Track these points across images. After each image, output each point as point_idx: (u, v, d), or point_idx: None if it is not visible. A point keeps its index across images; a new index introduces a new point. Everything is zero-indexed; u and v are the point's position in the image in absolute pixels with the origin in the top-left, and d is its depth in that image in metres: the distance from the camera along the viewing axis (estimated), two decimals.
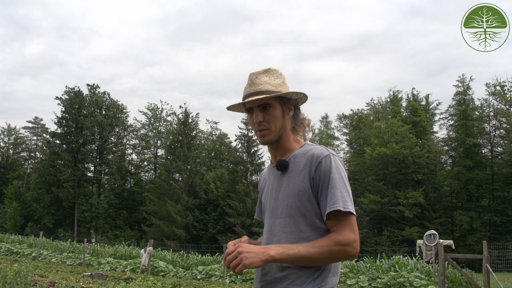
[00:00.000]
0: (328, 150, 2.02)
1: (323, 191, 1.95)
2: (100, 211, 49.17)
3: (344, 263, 15.33)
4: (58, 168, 49.49)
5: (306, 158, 2.02)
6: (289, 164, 2.07)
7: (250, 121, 2.13)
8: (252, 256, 1.83)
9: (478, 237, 34.08)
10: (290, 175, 2.05)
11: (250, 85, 2.11)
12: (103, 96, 55.57)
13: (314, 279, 1.93)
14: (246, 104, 2.09)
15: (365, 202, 37.77)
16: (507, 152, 40.68)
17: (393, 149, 38.52)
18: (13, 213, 50.02)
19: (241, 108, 2.22)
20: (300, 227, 1.98)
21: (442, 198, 42.07)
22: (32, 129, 65.95)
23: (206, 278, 15.70)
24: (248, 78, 2.15)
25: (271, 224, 2.08)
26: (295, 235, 1.98)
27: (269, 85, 2.08)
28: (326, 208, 1.93)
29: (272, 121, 2.07)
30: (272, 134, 2.07)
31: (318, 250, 1.87)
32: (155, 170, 55.81)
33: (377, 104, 52.53)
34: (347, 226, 1.92)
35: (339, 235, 1.89)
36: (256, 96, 2.04)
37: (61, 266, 16.91)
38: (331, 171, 1.95)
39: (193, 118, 48.81)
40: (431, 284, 12.49)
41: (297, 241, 1.95)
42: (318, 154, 1.99)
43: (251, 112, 2.10)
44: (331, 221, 1.94)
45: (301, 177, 2.00)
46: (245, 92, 2.11)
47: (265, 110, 2.06)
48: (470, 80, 41.53)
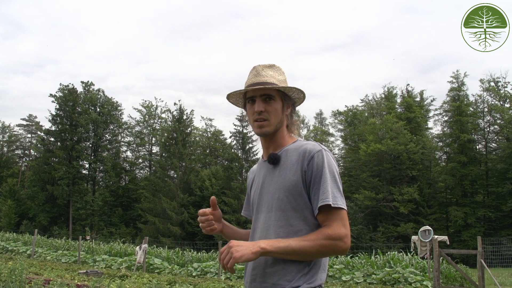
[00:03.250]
0: (320, 146, 2.04)
1: (315, 186, 1.97)
2: (95, 209, 49.07)
3: (339, 259, 15.38)
4: (52, 165, 49.35)
5: (298, 153, 2.03)
6: (281, 158, 2.08)
7: (250, 111, 2.14)
8: (242, 249, 1.83)
9: (473, 232, 34.25)
10: (281, 169, 2.06)
11: (255, 75, 2.13)
12: (98, 94, 55.40)
13: (304, 274, 1.94)
14: (249, 92, 2.11)
15: (360, 198, 37.86)
16: (501, 148, 40.88)
17: (387, 145, 38.61)
18: (8, 211, 49.85)
19: (239, 100, 2.23)
20: (291, 221, 1.99)
21: (436, 194, 42.26)
22: (27, 127, 65.66)
23: (201, 275, 15.70)
24: (252, 69, 2.18)
25: (264, 217, 2.08)
26: (285, 228, 1.98)
27: (274, 79, 2.11)
28: (317, 202, 1.94)
29: (273, 113, 2.09)
30: (270, 126, 2.09)
31: (309, 243, 1.88)
32: (150, 167, 55.73)
33: (371, 100, 52.68)
34: (338, 220, 1.93)
35: (330, 229, 1.90)
36: (260, 85, 2.07)
37: (56, 264, 16.87)
38: (323, 166, 1.97)
39: (187, 115, 48.75)
40: (426, 280, 12.54)
41: (287, 235, 1.96)
42: (311, 149, 2.01)
43: (251, 102, 2.12)
44: (322, 216, 1.95)
45: (293, 171, 2.01)
46: (248, 82, 2.14)
47: (267, 101, 2.08)
48: (464, 76, 41.74)
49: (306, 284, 1.93)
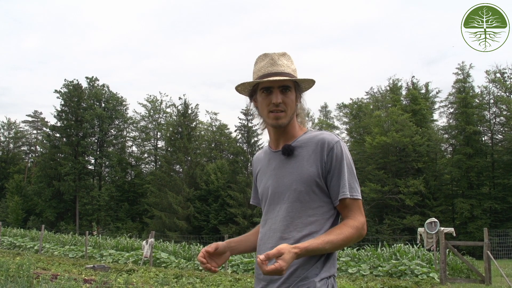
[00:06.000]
0: (337, 136, 2.06)
1: (334, 177, 2.00)
2: (102, 204, 49.27)
3: (345, 251, 15.44)
4: (58, 161, 49.59)
5: (315, 143, 2.03)
6: (295, 149, 2.07)
7: (264, 101, 2.07)
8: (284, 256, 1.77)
9: (479, 224, 34.13)
10: (297, 160, 2.05)
11: (272, 64, 2.08)
12: (102, 89, 55.47)
13: (322, 265, 1.96)
14: (266, 83, 2.05)
15: (365, 191, 37.77)
16: (507, 139, 40.63)
17: (393, 138, 38.48)
18: (15, 207, 50.17)
19: (247, 89, 2.17)
20: (308, 212, 2.00)
21: (442, 186, 42.11)
22: (32, 123, 65.89)
23: None
24: (263, 56, 2.13)
25: (280, 209, 2.06)
26: (303, 219, 1.99)
27: (289, 69, 2.09)
28: (338, 194, 2.00)
29: (290, 104, 2.07)
30: (287, 118, 2.07)
31: (340, 237, 1.92)
32: (156, 162, 55.83)
33: (376, 92, 52.39)
34: (357, 210, 2.03)
35: (356, 221, 1.99)
36: (279, 76, 2.03)
37: (64, 259, 16.98)
38: (342, 157, 2.01)
39: (192, 110, 48.77)
40: (432, 272, 12.54)
41: (305, 226, 1.98)
42: (330, 140, 2.02)
43: (267, 92, 2.06)
44: (342, 206, 2.02)
45: (311, 162, 2.01)
46: (264, 71, 2.08)
47: (285, 92, 2.06)
48: (470, 68, 41.41)
49: (323, 272, 1.95)
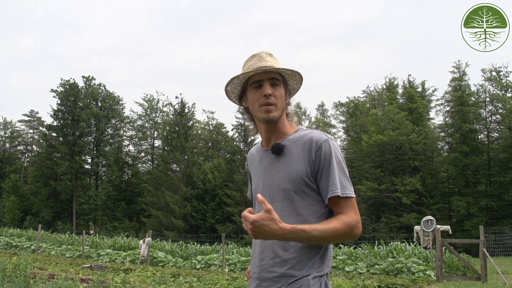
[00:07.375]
0: (326, 135, 2.03)
1: (323, 176, 1.97)
2: (99, 203, 49.22)
3: (342, 250, 15.49)
4: (55, 161, 49.48)
5: (304, 142, 2.01)
6: (285, 148, 2.06)
7: (255, 96, 2.07)
8: (269, 229, 1.78)
9: (475, 222, 34.23)
10: (286, 159, 2.04)
11: (260, 60, 2.09)
12: (99, 88, 55.40)
13: (313, 263, 1.94)
14: (255, 76, 2.06)
15: (362, 189, 37.86)
16: (503, 138, 40.77)
17: (390, 136, 38.56)
18: (11, 207, 50.05)
19: (237, 90, 2.17)
20: (299, 211, 1.98)
21: (439, 184, 42.25)
22: (28, 123, 65.73)
23: (205, 267, 15.78)
24: (251, 57, 2.15)
25: None
26: (293, 218, 1.97)
27: (277, 65, 2.10)
28: (327, 193, 1.95)
29: (279, 98, 2.06)
30: (278, 111, 2.06)
31: (329, 226, 1.87)
32: (153, 161, 55.80)
33: (373, 91, 52.56)
34: (351, 208, 1.97)
35: (348, 216, 1.93)
36: (268, 68, 2.05)
37: (61, 259, 16.97)
38: (331, 155, 1.97)
39: (189, 109, 48.70)
40: (429, 269, 12.59)
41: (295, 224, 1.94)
42: (318, 139, 1.99)
43: (257, 87, 2.07)
44: (333, 205, 1.98)
45: (299, 161, 2.00)
46: (253, 67, 2.08)
47: (274, 86, 2.06)
48: (466, 66, 41.56)
49: (316, 272, 1.93)
